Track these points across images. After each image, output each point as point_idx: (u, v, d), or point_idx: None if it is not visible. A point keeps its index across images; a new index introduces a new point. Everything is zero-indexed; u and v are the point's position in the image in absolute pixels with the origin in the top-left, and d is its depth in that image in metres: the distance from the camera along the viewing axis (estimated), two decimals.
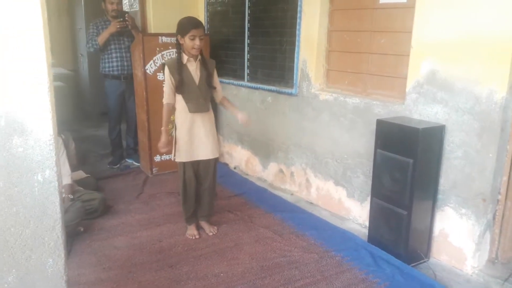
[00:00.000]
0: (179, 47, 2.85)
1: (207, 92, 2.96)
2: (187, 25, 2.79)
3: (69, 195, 3.14)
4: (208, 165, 3.04)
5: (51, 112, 1.10)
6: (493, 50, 2.39)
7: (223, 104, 3.13)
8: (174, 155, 2.98)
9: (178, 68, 2.82)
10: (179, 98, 2.89)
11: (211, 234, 3.11)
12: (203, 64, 2.93)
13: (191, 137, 2.93)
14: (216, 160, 3.08)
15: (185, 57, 2.85)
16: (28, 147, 1.10)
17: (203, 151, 2.97)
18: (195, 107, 2.89)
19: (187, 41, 2.78)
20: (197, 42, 2.77)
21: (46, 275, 1.18)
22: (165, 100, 2.91)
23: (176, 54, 2.86)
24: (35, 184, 1.13)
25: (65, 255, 1.18)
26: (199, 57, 2.90)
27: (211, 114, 3.03)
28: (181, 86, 2.83)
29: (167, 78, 2.87)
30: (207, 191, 3.10)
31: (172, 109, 2.95)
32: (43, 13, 1.03)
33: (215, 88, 3.00)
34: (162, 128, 2.91)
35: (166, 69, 2.86)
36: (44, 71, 1.07)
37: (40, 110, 1.10)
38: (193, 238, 3.06)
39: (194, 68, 2.88)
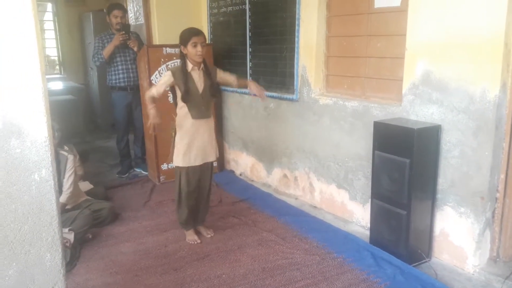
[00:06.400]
0: (183, 57, 2.95)
1: (209, 100, 3.05)
2: (188, 34, 2.89)
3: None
4: (206, 168, 3.14)
5: (46, 115, 1.19)
6: (484, 49, 2.42)
7: (239, 84, 3.27)
8: (172, 160, 3.06)
9: (184, 77, 2.90)
10: (182, 104, 2.96)
11: (209, 236, 3.20)
12: (207, 73, 3.01)
13: (192, 143, 3.00)
14: (212, 164, 3.19)
15: (189, 65, 2.93)
16: (25, 148, 1.19)
17: (204, 155, 3.07)
18: (197, 114, 2.97)
19: (190, 49, 2.87)
20: (199, 48, 2.85)
21: (44, 269, 1.26)
22: (150, 92, 2.94)
23: (181, 64, 2.95)
24: (32, 182, 1.21)
25: (62, 250, 1.25)
26: (202, 66, 2.98)
27: (211, 120, 3.13)
28: (187, 95, 2.90)
29: (165, 79, 2.93)
30: (205, 195, 3.20)
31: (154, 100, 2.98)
32: (36, 20, 1.12)
33: (216, 97, 3.12)
34: (152, 106, 2.92)
35: (170, 74, 2.91)
36: (38, 77, 1.16)
37: (36, 114, 1.19)
38: (195, 243, 3.11)
39: (197, 77, 2.96)
